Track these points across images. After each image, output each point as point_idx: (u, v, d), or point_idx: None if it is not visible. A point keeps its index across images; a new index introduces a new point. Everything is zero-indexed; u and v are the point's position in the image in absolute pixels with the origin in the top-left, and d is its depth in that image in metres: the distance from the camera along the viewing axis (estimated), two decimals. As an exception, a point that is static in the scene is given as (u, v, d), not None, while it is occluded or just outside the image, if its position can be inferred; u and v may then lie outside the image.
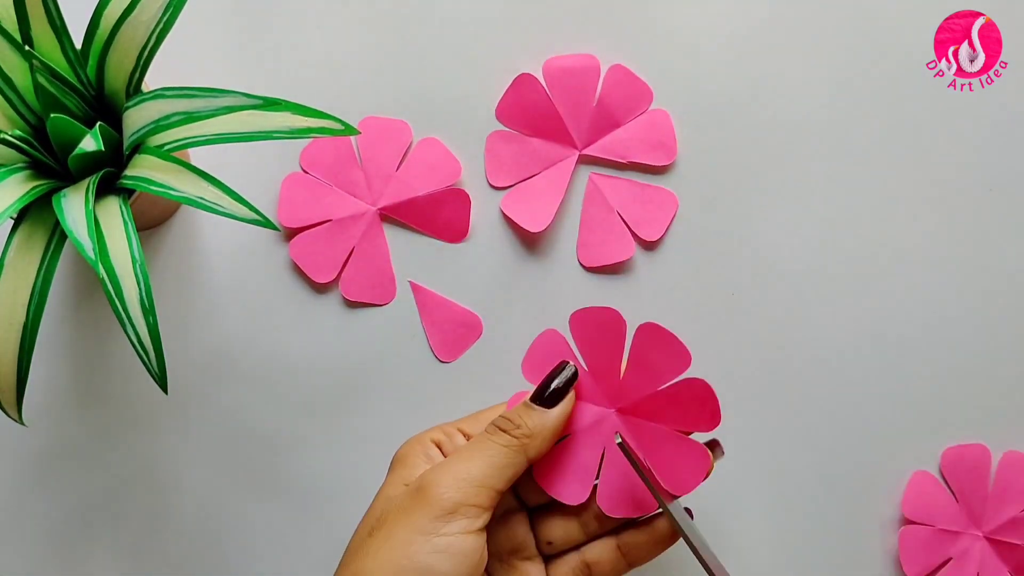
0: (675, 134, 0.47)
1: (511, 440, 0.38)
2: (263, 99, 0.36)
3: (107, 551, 0.48)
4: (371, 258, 0.48)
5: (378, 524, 0.37)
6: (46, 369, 0.48)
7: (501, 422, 0.39)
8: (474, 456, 0.38)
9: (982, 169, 0.47)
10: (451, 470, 0.37)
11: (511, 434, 0.38)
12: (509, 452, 0.38)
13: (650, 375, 0.39)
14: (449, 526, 0.36)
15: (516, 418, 0.39)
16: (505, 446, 0.38)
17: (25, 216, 0.38)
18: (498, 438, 0.38)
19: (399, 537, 0.36)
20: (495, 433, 0.39)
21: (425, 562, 0.36)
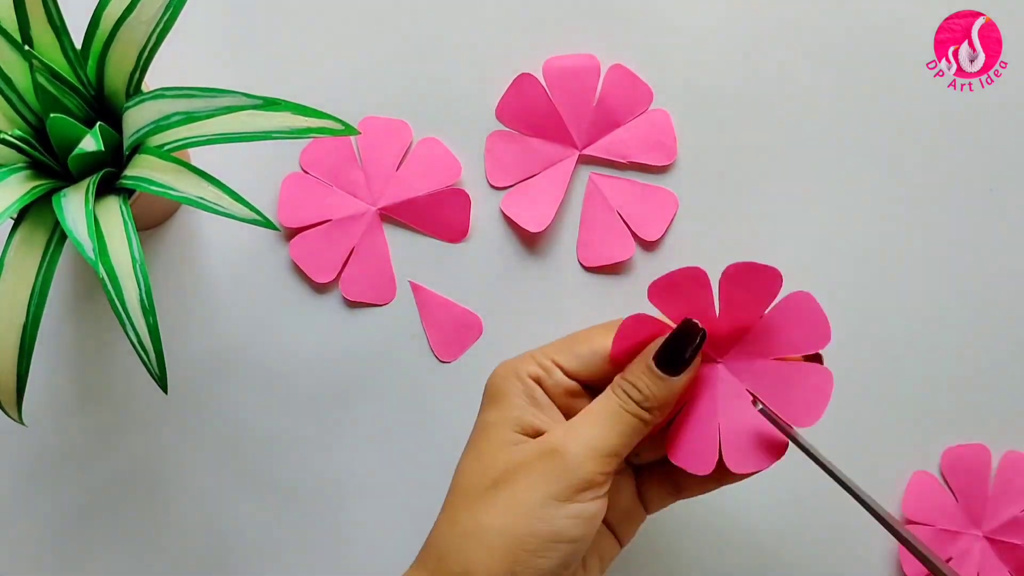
0: (675, 134, 0.47)
1: (640, 411, 0.37)
2: (263, 99, 0.36)
3: (107, 551, 0.48)
4: (371, 258, 0.48)
5: (503, 479, 0.36)
6: (46, 369, 0.48)
7: (629, 388, 0.37)
8: (606, 424, 0.37)
9: (982, 169, 0.47)
10: (585, 438, 0.37)
11: (641, 406, 0.37)
12: (637, 424, 0.37)
13: (746, 310, 0.38)
14: (583, 494, 0.36)
15: (643, 387, 0.37)
16: (634, 416, 0.37)
17: (25, 216, 0.38)
18: (627, 406, 0.37)
19: (532, 499, 0.36)
20: (625, 400, 0.37)
21: (560, 526, 0.36)
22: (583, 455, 0.36)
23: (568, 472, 0.36)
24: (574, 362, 0.39)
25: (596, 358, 0.39)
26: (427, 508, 0.47)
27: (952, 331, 0.47)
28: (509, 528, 0.35)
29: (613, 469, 0.37)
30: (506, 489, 0.36)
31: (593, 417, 0.37)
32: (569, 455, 0.36)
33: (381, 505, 0.48)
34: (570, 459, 0.36)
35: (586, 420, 0.37)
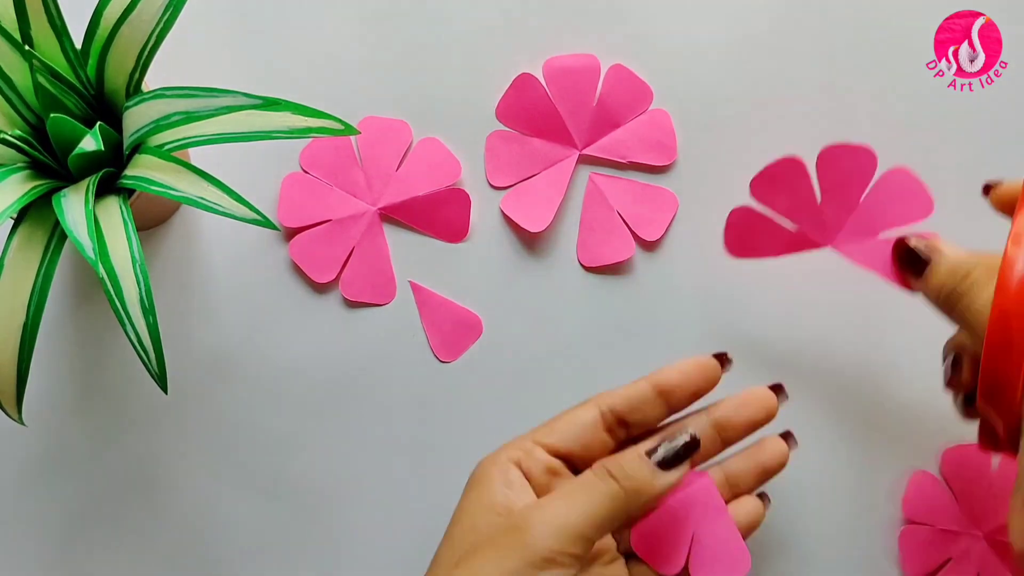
0: (675, 134, 0.47)
1: (618, 491, 0.36)
2: (263, 99, 0.36)
3: (107, 550, 0.48)
4: (371, 258, 0.48)
5: (465, 557, 0.36)
6: (46, 369, 0.48)
7: (612, 465, 0.37)
8: (576, 501, 0.36)
9: (982, 169, 0.47)
10: (551, 514, 0.36)
11: (621, 484, 0.36)
12: (614, 505, 0.36)
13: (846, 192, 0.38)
14: (545, 573, 0.35)
15: (628, 465, 0.37)
16: (611, 498, 0.36)
17: (25, 216, 0.38)
18: (605, 485, 0.36)
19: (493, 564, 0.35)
20: (603, 479, 0.37)
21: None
22: (546, 532, 0.35)
23: (528, 549, 0.35)
24: (553, 437, 0.39)
25: (575, 429, 0.39)
26: (427, 508, 0.47)
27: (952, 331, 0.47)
28: None
29: (580, 551, 0.35)
30: (469, 566, 0.36)
31: (564, 493, 0.37)
32: (531, 531, 0.35)
33: (381, 505, 0.48)
34: (531, 535, 0.35)
35: (556, 496, 0.37)
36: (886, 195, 0.39)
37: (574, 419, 0.40)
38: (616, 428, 0.40)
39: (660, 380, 0.40)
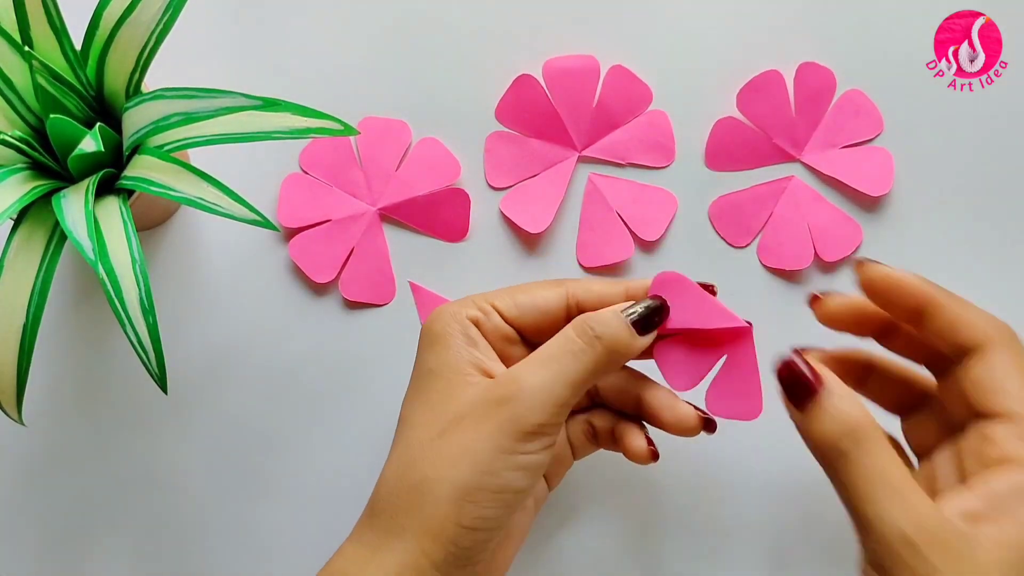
0: (674, 135, 0.47)
1: (601, 353, 0.36)
2: (262, 99, 0.36)
3: (106, 551, 0.48)
4: (371, 258, 0.48)
5: (451, 427, 0.35)
6: (46, 369, 0.48)
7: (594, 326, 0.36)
8: (561, 368, 0.35)
9: (982, 169, 0.47)
10: (538, 385, 0.35)
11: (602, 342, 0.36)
12: (596, 368, 0.36)
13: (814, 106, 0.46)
14: (531, 444, 0.35)
15: (610, 327, 0.36)
16: (595, 360, 0.36)
17: (25, 217, 0.38)
18: (591, 348, 0.36)
19: (480, 451, 0.35)
20: (585, 338, 0.36)
21: (508, 479, 0.35)
22: (537, 403, 0.35)
23: (519, 421, 0.35)
24: (513, 310, 0.38)
25: (536, 311, 0.38)
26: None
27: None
28: (457, 480, 0.35)
29: (563, 418, 0.36)
30: (453, 438, 0.35)
31: (548, 361, 0.36)
32: (521, 403, 0.35)
33: (381, 505, 0.48)
34: (522, 407, 0.35)
35: (540, 365, 0.36)
36: (844, 112, 0.46)
37: (539, 298, 0.38)
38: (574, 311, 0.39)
39: (634, 287, 0.39)
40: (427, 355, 0.38)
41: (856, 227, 0.47)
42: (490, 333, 0.38)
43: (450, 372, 0.37)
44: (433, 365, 0.37)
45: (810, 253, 0.47)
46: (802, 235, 0.47)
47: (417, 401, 0.37)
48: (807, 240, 0.47)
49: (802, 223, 0.47)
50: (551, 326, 0.38)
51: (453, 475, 0.35)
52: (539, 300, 0.38)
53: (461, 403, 0.36)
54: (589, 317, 0.37)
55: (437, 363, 0.37)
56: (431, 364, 0.37)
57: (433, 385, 0.37)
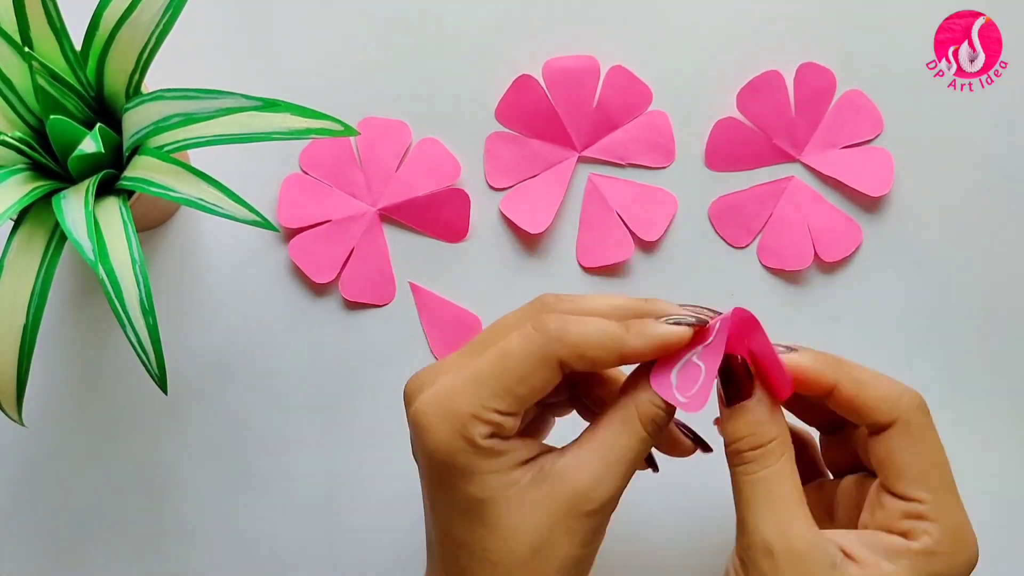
0: (674, 135, 0.47)
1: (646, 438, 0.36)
2: (262, 100, 0.36)
3: (106, 551, 0.48)
4: (371, 258, 0.48)
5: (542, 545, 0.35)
6: (46, 370, 0.48)
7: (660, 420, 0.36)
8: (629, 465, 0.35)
9: (982, 169, 0.47)
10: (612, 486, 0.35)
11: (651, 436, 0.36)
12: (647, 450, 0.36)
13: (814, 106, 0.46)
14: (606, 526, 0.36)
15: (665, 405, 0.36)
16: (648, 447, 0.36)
17: (25, 217, 0.38)
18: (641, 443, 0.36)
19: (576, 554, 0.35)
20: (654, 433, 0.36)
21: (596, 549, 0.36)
22: (615, 502, 0.36)
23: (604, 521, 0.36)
24: (517, 404, 0.35)
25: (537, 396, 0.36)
26: (427, 508, 0.47)
27: (950, 330, 0.47)
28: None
29: None
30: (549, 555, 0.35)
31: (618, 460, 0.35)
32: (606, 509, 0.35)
33: (381, 506, 0.48)
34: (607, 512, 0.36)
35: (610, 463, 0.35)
36: (844, 113, 0.46)
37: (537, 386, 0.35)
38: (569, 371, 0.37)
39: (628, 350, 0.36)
40: (464, 486, 0.36)
41: (856, 227, 0.47)
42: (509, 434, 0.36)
43: (503, 493, 0.35)
44: (480, 494, 0.35)
45: (810, 253, 0.47)
46: (802, 235, 0.47)
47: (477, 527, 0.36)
48: (807, 240, 0.47)
49: (802, 223, 0.47)
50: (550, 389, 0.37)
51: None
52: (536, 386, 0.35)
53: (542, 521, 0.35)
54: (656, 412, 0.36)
55: (483, 491, 0.35)
56: (476, 493, 0.35)
57: (491, 511, 0.35)
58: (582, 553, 0.35)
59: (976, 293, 0.48)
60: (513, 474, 0.35)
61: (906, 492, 0.35)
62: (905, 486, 0.35)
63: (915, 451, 0.36)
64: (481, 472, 0.35)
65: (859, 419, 0.36)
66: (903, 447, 0.36)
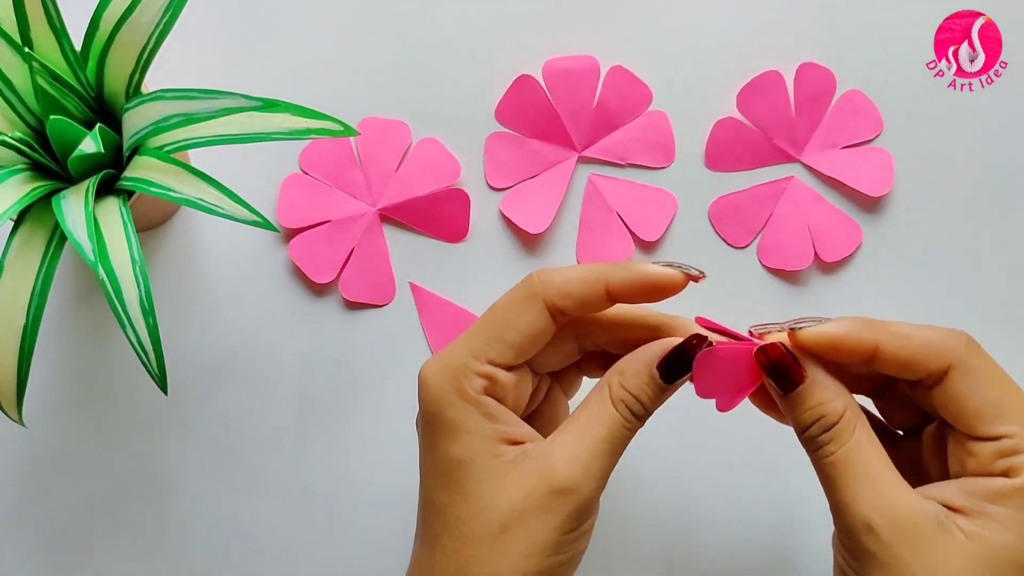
0: (674, 135, 0.47)
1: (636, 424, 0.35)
2: (262, 100, 0.36)
3: (107, 552, 0.48)
4: (371, 259, 0.48)
5: (512, 522, 0.34)
6: (46, 370, 0.48)
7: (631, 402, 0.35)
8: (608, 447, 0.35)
9: (982, 169, 0.47)
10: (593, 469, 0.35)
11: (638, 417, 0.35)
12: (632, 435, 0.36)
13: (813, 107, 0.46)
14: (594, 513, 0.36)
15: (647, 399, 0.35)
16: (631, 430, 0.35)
17: (25, 217, 0.38)
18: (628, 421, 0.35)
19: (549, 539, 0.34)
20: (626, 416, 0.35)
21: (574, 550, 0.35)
22: (594, 487, 0.35)
23: (580, 506, 0.35)
24: (510, 352, 0.36)
25: (530, 341, 0.36)
26: (427, 508, 0.47)
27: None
28: (532, 570, 0.34)
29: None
30: (518, 533, 0.34)
31: (593, 442, 0.35)
32: (581, 491, 0.35)
33: (381, 506, 0.48)
34: (582, 495, 0.35)
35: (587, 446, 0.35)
36: (844, 113, 0.47)
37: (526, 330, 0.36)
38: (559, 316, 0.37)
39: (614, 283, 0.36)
40: (448, 444, 0.36)
41: (856, 227, 0.47)
42: (502, 393, 0.36)
43: (483, 459, 0.35)
44: (461, 455, 0.35)
45: (810, 253, 0.47)
46: (802, 235, 0.47)
47: (454, 492, 0.36)
48: (807, 240, 0.47)
49: (802, 223, 0.47)
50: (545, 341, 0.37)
51: (527, 567, 0.34)
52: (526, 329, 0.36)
53: (515, 496, 0.35)
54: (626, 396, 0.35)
55: (465, 452, 0.35)
56: (455, 453, 0.36)
57: (468, 475, 0.35)
58: (555, 539, 0.34)
59: (976, 293, 0.48)
60: (498, 446, 0.35)
61: (991, 431, 0.33)
62: (987, 426, 0.34)
63: (983, 389, 0.34)
64: (467, 430, 0.35)
65: (912, 374, 0.34)
66: (969, 389, 0.34)
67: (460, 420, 0.35)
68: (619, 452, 0.35)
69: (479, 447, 0.35)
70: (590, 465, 0.35)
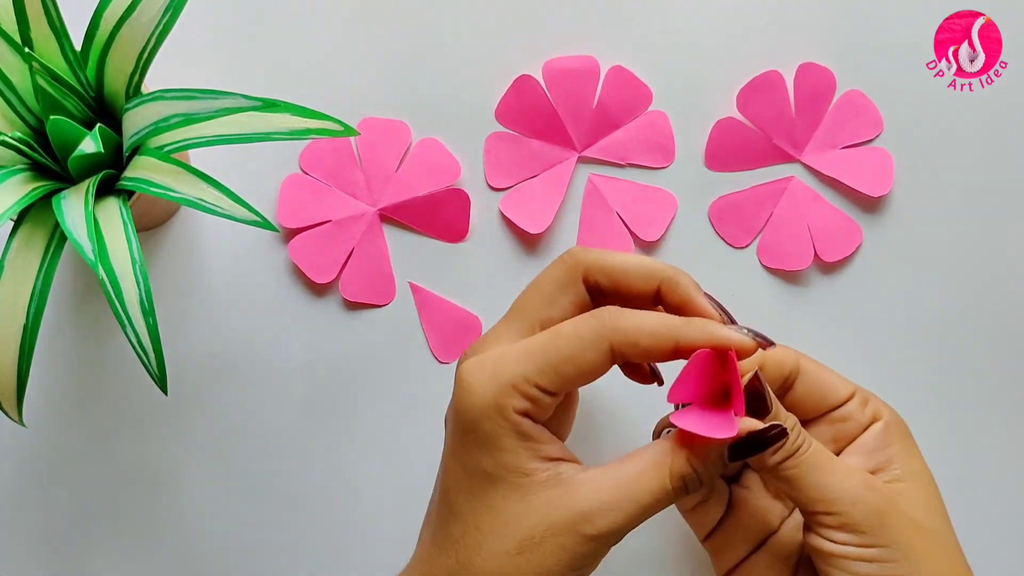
0: (674, 135, 0.47)
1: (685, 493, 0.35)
2: (262, 100, 0.36)
3: (107, 552, 0.48)
4: (371, 259, 0.48)
5: (530, 545, 0.34)
6: (46, 370, 0.48)
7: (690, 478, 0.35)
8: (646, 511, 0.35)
9: (982, 169, 0.47)
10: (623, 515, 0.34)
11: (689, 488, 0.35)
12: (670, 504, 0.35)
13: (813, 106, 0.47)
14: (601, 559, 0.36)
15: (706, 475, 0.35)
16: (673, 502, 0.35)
17: (25, 217, 0.38)
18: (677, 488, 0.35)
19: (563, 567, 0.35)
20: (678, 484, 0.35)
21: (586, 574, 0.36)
22: (617, 540, 0.35)
23: (598, 552, 0.35)
24: (559, 384, 0.35)
25: (582, 379, 0.35)
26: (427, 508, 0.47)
27: (948, 329, 0.47)
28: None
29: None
30: (532, 559, 0.34)
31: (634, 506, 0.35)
32: (603, 541, 0.35)
33: (381, 506, 0.48)
34: (604, 544, 0.35)
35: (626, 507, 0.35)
36: (844, 113, 0.47)
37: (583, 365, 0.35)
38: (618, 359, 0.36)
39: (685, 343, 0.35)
40: (478, 455, 0.35)
41: (856, 227, 0.47)
42: (541, 416, 0.36)
43: (513, 476, 0.35)
44: (490, 468, 0.35)
45: (810, 253, 0.47)
46: (802, 235, 0.47)
47: (478, 502, 0.36)
48: (807, 240, 0.47)
49: (802, 223, 0.47)
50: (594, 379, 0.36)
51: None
52: (583, 367, 0.35)
53: (538, 521, 0.35)
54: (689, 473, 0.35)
55: (494, 466, 0.35)
56: (486, 466, 0.35)
57: (497, 489, 0.35)
58: (564, 573, 0.35)
59: (976, 293, 0.48)
60: (531, 464, 0.35)
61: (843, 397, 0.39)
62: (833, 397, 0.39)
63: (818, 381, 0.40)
64: (501, 447, 0.35)
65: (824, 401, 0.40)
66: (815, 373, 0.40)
67: (496, 436, 0.35)
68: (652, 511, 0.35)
69: (511, 465, 0.35)
70: (621, 517, 0.35)
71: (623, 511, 0.34)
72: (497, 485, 0.35)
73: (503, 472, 0.35)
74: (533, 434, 0.35)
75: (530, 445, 0.35)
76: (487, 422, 0.35)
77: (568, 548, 0.34)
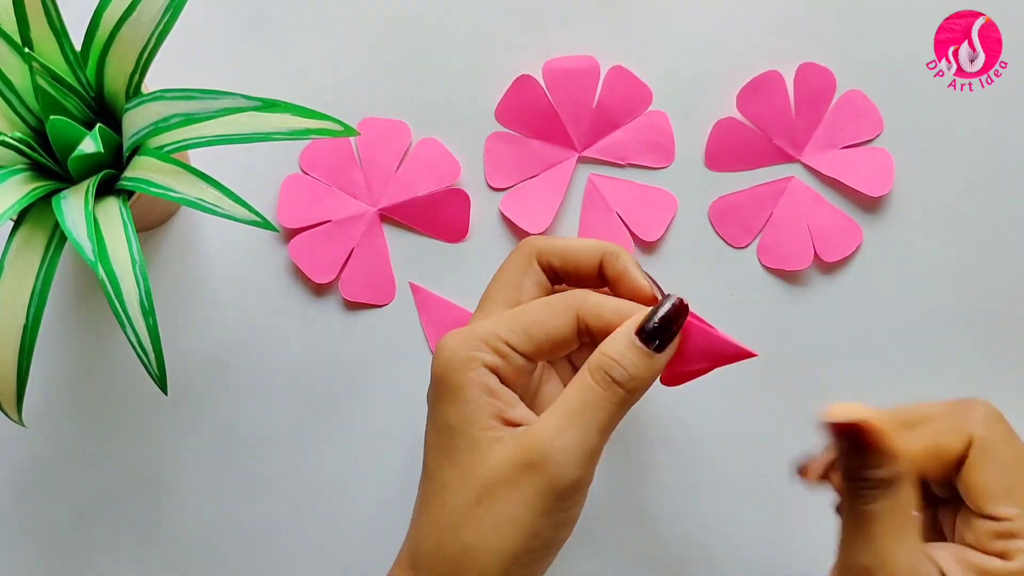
0: (674, 135, 0.47)
1: (623, 396, 0.35)
2: (262, 100, 0.36)
3: (107, 552, 0.48)
4: (371, 259, 0.48)
5: (487, 494, 0.35)
6: (46, 370, 0.48)
7: (612, 367, 0.35)
8: (588, 420, 0.35)
9: (982, 169, 0.47)
10: (570, 443, 0.34)
11: (624, 387, 0.35)
12: (619, 411, 0.35)
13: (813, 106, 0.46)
14: (571, 499, 0.35)
15: (629, 364, 0.35)
16: (619, 405, 0.35)
17: (25, 217, 0.38)
18: (611, 394, 0.35)
19: (522, 517, 0.34)
20: (607, 385, 0.35)
21: (551, 536, 0.35)
22: (571, 463, 0.35)
23: (556, 484, 0.35)
24: (529, 345, 0.37)
25: (549, 343, 0.37)
26: (427, 508, 0.47)
27: (948, 330, 0.47)
28: (503, 551, 0.35)
29: (595, 463, 0.36)
30: (493, 507, 0.35)
31: (572, 416, 0.35)
32: (556, 465, 0.35)
33: (380, 506, 0.48)
34: (557, 470, 0.35)
35: (566, 422, 0.35)
36: (844, 113, 0.46)
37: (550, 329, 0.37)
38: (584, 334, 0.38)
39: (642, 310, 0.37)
40: (445, 409, 0.36)
41: (856, 227, 0.47)
42: (509, 376, 0.37)
43: (473, 428, 0.36)
44: (454, 421, 0.36)
45: (810, 253, 0.47)
46: (802, 235, 0.47)
47: (443, 458, 0.36)
48: (807, 240, 0.47)
49: (802, 223, 0.47)
50: (563, 350, 0.38)
51: (499, 545, 0.35)
52: (551, 331, 0.37)
53: (492, 468, 0.35)
54: (604, 360, 0.36)
55: (458, 418, 0.36)
56: (451, 419, 0.36)
57: (457, 443, 0.36)
58: (529, 519, 0.35)
59: (976, 293, 0.48)
60: (491, 421, 0.36)
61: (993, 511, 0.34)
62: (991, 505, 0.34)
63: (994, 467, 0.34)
64: (465, 398, 0.36)
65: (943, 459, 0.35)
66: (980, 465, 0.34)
67: (461, 385, 0.36)
68: (600, 427, 0.35)
69: (473, 416, 0.36)
70: (569, 442, 0.35)
71: (571, 431, 0.35)
72: (458, 438, 0.36)
73: (464, 424, 0.36)
74: (499, 393, 0.36)
75: (493, 402, 0.36)
76: (454, 373, 0.36)
77: (526, 489, 0.35)
